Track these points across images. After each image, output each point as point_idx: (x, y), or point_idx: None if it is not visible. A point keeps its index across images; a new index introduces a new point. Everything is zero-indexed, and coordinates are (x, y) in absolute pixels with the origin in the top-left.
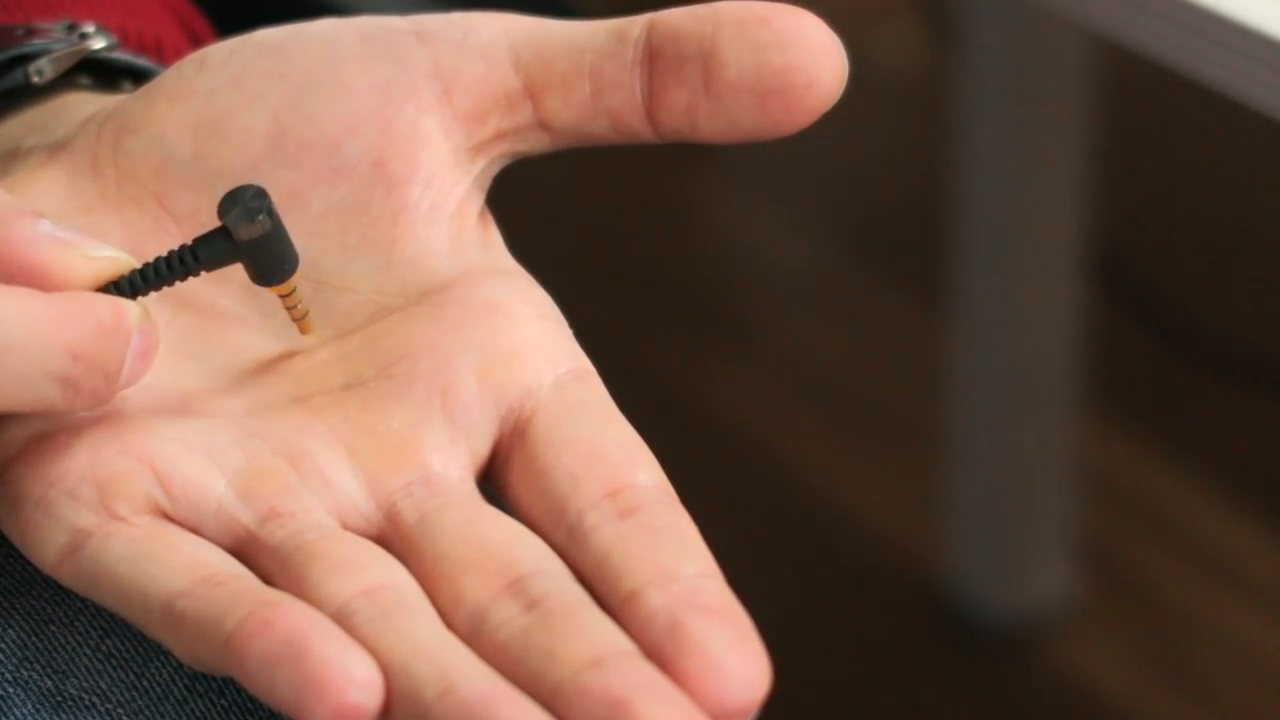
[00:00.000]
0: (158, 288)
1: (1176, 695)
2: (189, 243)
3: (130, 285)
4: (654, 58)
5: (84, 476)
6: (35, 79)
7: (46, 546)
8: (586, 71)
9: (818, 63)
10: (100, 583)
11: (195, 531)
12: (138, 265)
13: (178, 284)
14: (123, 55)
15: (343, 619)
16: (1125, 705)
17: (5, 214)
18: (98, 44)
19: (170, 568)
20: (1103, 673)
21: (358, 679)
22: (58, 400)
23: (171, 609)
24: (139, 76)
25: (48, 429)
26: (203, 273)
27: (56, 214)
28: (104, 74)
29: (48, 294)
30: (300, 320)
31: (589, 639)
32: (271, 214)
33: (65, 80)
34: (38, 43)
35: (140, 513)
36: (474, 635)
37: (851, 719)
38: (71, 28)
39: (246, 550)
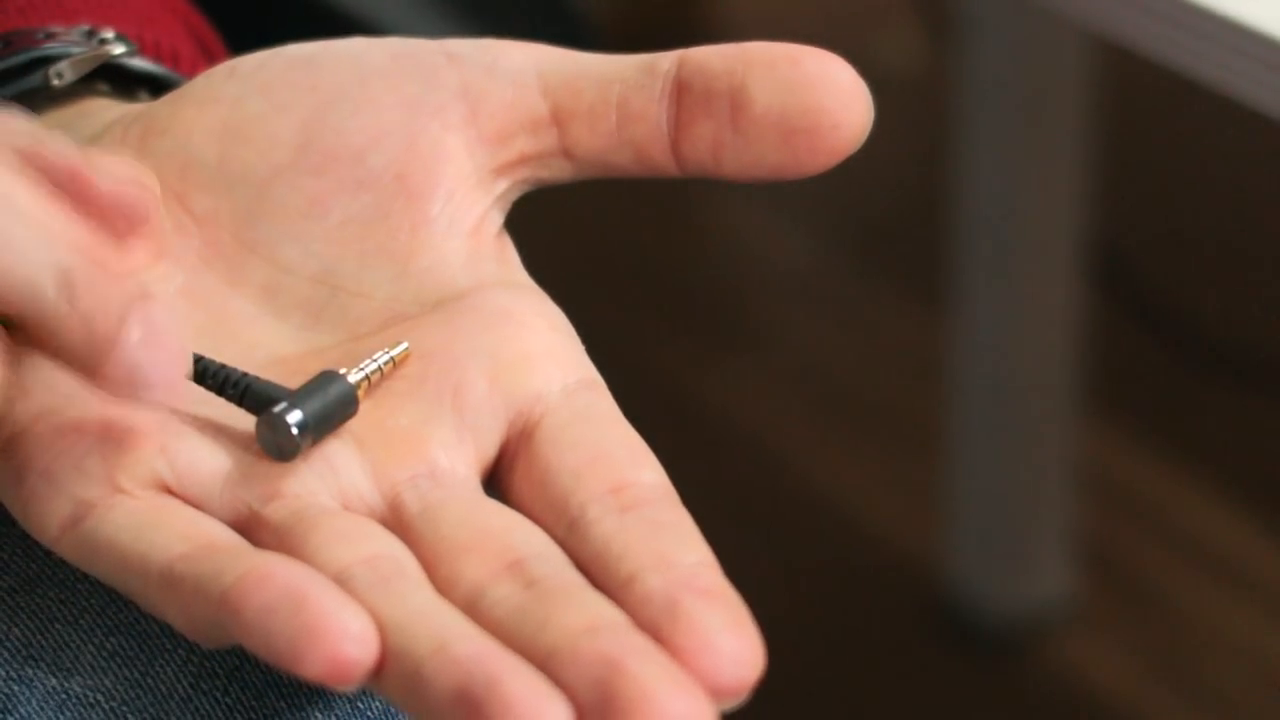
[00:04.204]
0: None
1: (1176, 695)
2: (252, 378)
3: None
4: (682, 92)
5: (91, 449)
6: (55, 81)
7: (49, 517)
8: (614, 102)
9: (845, 106)
10: (100, 553)
11: (198, 508)
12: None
13: (193, 290)
14: (142, 62)
15: (341, 583)
16: (1124, 705)
17: (34, 140)
18: (118, 49)
19: (171, 534)
20: (1102, 673)
21: (353, 632)
22: (49, 295)
23: (171, 571)
24: (156, 88)
25: (58, 406)
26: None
27: None
28: (122, 82)
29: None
30: None
31: (584, 611)
32: (302, 435)
33: (84, 85)
34: (58, 46)
35: (145, 487)
36: (470, 610)
37: (851, 719)
38: (91, 33)
39: (248, 528)
